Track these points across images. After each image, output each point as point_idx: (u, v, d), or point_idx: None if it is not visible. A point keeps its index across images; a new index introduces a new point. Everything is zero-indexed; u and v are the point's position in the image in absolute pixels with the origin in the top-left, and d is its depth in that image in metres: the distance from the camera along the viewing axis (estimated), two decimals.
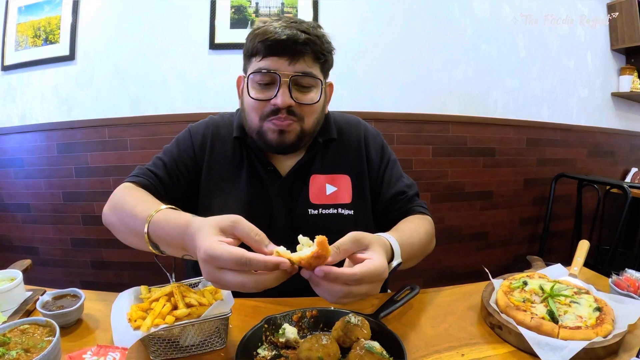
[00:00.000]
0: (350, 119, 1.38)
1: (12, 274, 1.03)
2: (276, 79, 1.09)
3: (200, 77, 2.62)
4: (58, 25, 2.65)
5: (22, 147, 2.78)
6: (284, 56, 1.08)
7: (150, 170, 1.19)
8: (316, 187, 1.24)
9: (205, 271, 0.70)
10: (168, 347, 0.79)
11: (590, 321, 0.88)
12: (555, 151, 3.16)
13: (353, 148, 1.31)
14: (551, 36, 3.04)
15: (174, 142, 1.28)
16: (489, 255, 3.06)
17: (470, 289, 1.13)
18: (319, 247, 0.69)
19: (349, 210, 1.24)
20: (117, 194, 1.11)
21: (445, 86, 2.81)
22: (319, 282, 0.72)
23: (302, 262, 0.70)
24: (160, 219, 0.88)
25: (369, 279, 0.73)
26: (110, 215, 1.08)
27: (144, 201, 1.01)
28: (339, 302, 0.74)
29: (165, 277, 0.90)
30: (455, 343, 0.89)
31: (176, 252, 0.85)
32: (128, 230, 0.99)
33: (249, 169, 1.23)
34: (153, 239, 0.89)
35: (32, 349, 0.72)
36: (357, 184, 1.27)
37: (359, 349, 0.73)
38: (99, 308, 0.98)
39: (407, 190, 1.30)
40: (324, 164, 1.27)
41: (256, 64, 1.11)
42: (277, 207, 1.21)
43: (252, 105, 1.13)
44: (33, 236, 2.88)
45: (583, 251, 1.23)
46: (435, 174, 2.83)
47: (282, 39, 1.07)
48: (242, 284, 0.68)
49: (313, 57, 1.12)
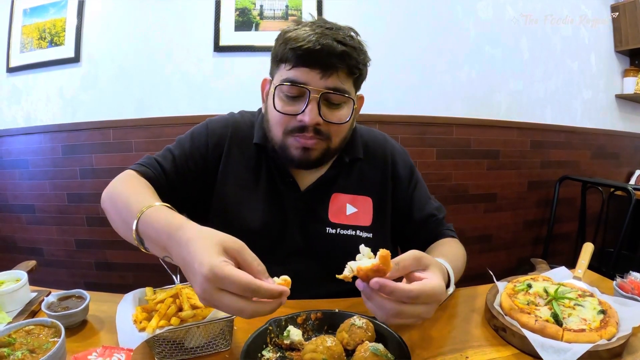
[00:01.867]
0: (377, 136, 1.31)
1: (17, 275, 1.03)
2: (305, 93, 1.01)
3: (204, 79, 2.63)
4: (63, 28, 2.67)
5: (27, 148, 2.79)
6: (316, 68, 1.00)
7: (157, 161, 1.14)
8: (336, 206, 1.19)
9: (203, 288, 0.65)
10: (173, 348, 0.79)
11: (594, 324, 0.88)
12: (559, 153, 3.15)
13: (378, 168, 1.25)
14: (555, 38, 3.03)
15: (189, 136, 1.21)
16: (493, 258, 3.06)
17: (474, 291, 1.13)
18: (381, 260, 0.68)
19: (368, 233, 1.19)
20: (118, 180, 1.06)
21: (449, 88, 2.81)
22: (372, 295, 0.70)
23: (360, 272, 0.69)
24: (151, 214, 0.82)
25: (425, 299, 0.71)
26: (106, 201, 1.03)
27: (140, 193, 0.97)
28: (389, 320, 0.71)
29: (169, 279, 0.89)
30: (459, 345, 0.88)
31: (158, 252, 0.80)
32: (120, 219, 0.94)
33: (267, 178, 1.18)
34: (140, 233, 0.83)
35: (38, 349, 0.73)
36: (379, 207, 1.23)
37: (364, 351, 0.73)
38: (103, 309, 0.98)
39: (437, 214, 1.27)
40: (347, 184, 1.21)
41: (285, 73, 1.03)
42: (292, 221, 1.16)
43: (277, 118, 1.06)
44: (37, 237, 2.89)
45: (587, 254, 1.23)
46: (439, 177, 2.83)
47: (316, 49, 0.97)
48: (240, 309, 0.64)
49: (347, 71, 1.04)
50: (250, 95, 2.55)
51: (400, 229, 1.28)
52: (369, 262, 0.69)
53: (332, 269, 0.83)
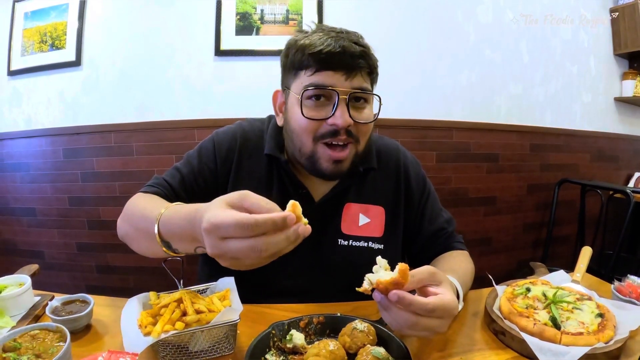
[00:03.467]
0: (389, 145, 1.30)
1: (21, 279, 1.03)
2: (333, 96, 1.00)
3: (205, 83, 2.63)
4: (64, 31, 2.68)
5: (28, 151, 2.80)
6: (339, 70, 0.99)
7: (166, 180, 1.12)
8: (349, 216, 1.18)
9: (209, 244, 0.64)
10: (177, 352, 0.80)
11: (592, 327, 0.88)
12: (559, 156, 3.16)
13: (391, 178, 1.24)
14: (554, 41, 3.04)
15: (196, 152, 1.18)
16: (492, 261, 3.06)
17: (473, 295, 1.14)
18: (400, 274, 0.70)
19: (379, 244, 1.18)
20: (129, 204, 1.04)
21: (449, 92, 2.82)
22: (389, 306, 0.72)
23: (379, 285, 0.71)
24: (170, 213, 0.81)
25: (440, 313, 0.73)
26: (123, 226, 1.01)
27: (154, 202, 0.97)
28: (404, 331, 0.74)
29: (171, 283, 0.90)
30: (459, 349, 0.89)
31: (188, 246, 0.79)
32: (141, 234, 0.92)
33: (279, 189, 1.15)
34: (164, 237, 0.81)
35: (44, 354, 0.73)
36: (391, 217, 1.22)
37: (365, 355, 0.74)
38: (107, 314, 0.99)
39: (447, 227, 1.27)
40: (360, 193, 1.20)
41: (307, 79, 1.00)
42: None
43: (305, 125, 1.02)
44: (39, 240, 2.90)
45: (586, 258, 1.24)
46: (439, 180, 2.83)
47: (338, 51, 0.97)
48: (251, 248, 0.61)
49: (368, 70, 1.04)
50: (251, 100, 2.56)
51: (410, 241, 1.28)
52: (387, 275, 0.72)
53: (343, 281, 0.85)
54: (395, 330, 0.76)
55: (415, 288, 0.76)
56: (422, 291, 0.77)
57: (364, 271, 0.76)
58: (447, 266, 1.10)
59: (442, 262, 1.18)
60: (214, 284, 0.97)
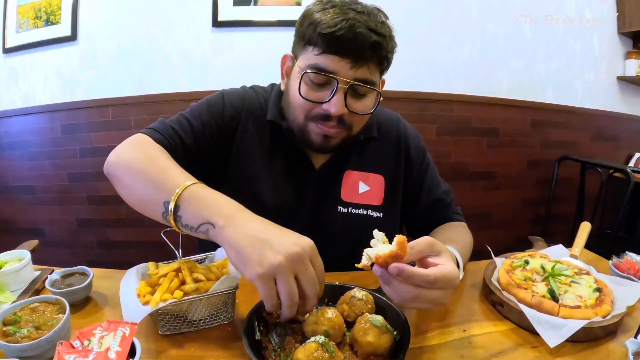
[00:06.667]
0: (390, 116, 1.31)
1: (20, 254, 1.03)
2: (333, 82, 0.98)
3: (203, 55, 2.61)
4: (59, 6, 2.63)
5: (25, 129, 2.79)
6: (346, 58, 0.95)
7: (175, 130, 1.07)
8: (349, 183, 1.19)
9: (302, 248, 0.71)
10: (176, 321, 0.81)
11: (590, 301, 0.89)
12: (559, 133, 3.14)
13: (391, 148, 1.25)
14: (558, 17, 2.98)
15: (204, 105, 1.15)
16: (491, 236, 3.05)
17: (472, 267, 1.14)
18: (398, 247, 0.69)
19: (379, 212, 1.19)
20: (133, 145, 1.00)
21: (451, 66, 2.80)
22: (390, 280, 0.71)
23: (379, 260, 0.70)
24: (204, 187, 0.83)
25: (442, 284, 0.72)
26: (119, 165, 0.95)
27: (173, 167, 0.92)
28: (406, 304, 0.73)
29: (170, 256, 0.91)
30: (457, 319, 0.90)
31: (195, 220, 0.78)
32: (143, 189, 0.89)
33: (282, 156, 1.16)
34: (182, 201, 0.80)
35: (43, 326, 0.74)
36: (390, 186, 1.23)
37: (364, 322, 0.74)
38: (107, 285, 0.99)
39: (444, 198, 1.28)
40: (360, 161, 1.21)
41: (313, 58, 0.98)
42: (305, 200, 1.16)
43: (300, 103, 1.02)
44: (39, 217, 2.92)
45: (584, 233, 1.25)
46: (439, 153, 2.83)
47: (349, 38, 0.93)
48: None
49: (377, 62, 1.01)
50: (250, 71, 2.54)
51: (409, 211, 1.29)
52: (386, 249, 0.71)
53: (342, 249, 0.85)
54: (397, 303, 0.76)
55: (415, 260, 0.76)
56: (422, 262, 0.77)
57: (363, 239, 0.76)
58: (446, 237, 1.10)
59: (441, 233, 1.19)
60: (212, 253, 0.97)
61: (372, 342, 0.71)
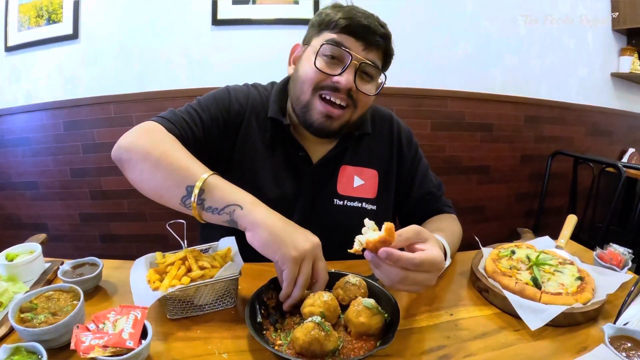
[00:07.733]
0: (383, 113, 1.38)
1: (31, 247, 1.07)
2: (346, 58, 1.07)
3: (203, 53, 2.63)
4: (60, 5, 2.64)
5: (28, 126, 2.80)
6: (360, 40, 1.07)
7: (186, 122, 1.11)
8: (345, 177, 1.25)
9: (312, 245, 0.83)
10: (184, 305, 0.86)
11: (571, 289, 0.94)
12: (553, 129, 3.18)
13: (384, 144, 1.32)
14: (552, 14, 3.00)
15: (211, 99, 1.20)
16: (485, 229, 3.12)
17: (461, 257, 1.20)
18: (387, 232, 0.76)
19: (372, 205, 1.26)
20: (146, 132, 1.04)
21: (445, 62, 2.83)
22: (379, 263, 0.78)
23: (369, 245, 0.77)
24: (223, 179, 0.93)
25: (427, 267, 0.79)
26: (136, 150, 0.98)
27: (189, 158, 0.97)
28: (395, 286, 0.80)
29: (172, 248, 0.96)
30: (445, 304, 0.96)
31: (221, 202, 0.88)
32: (169, 171, 0.93)
33: (282, 151, 1.22)
34: (207, 186, 0.88)
35: (59, 312, 0.77)
36: (384, 180, 1.29)
37: (357, 305, 0.79)
38: (115, 275, 1.04)
39: (435, 191, 1.35)
40: (355, 157, 1.27)
41: (331, 36, 1.08)
42: (303, 194, 1.22)
43: (311, 74, 1.09)
44: (42, 213, 2.94)
45: (570, 225, 1.30)
46: (434, 148, 2.87)
47: (365, 24, 1.07)
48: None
49: (383, 52, 1.13)
50: (249, 69, 2.56)
51: (401, 204, 1.36)
52: (375, 235, 0.77)
53: (337, 240, 0.91)
54: (387, 285, 0.82)
55: (403, 246, 0.82)
56: (410, 249, 0.83)
57: (358, 230, 0.82)
58: (435, 227, 1.16)
59: (431, 224, 1.25)
60: (215, 243, 1.02)
61: (365, 323, 0.77)
